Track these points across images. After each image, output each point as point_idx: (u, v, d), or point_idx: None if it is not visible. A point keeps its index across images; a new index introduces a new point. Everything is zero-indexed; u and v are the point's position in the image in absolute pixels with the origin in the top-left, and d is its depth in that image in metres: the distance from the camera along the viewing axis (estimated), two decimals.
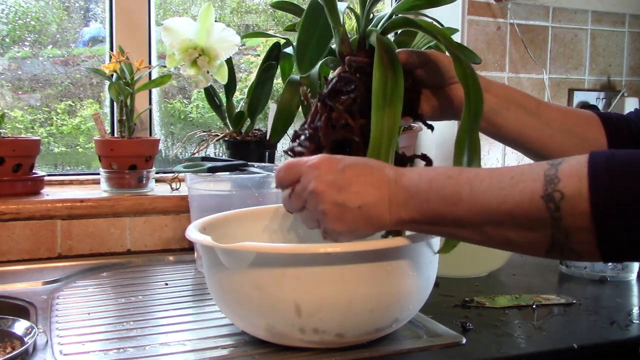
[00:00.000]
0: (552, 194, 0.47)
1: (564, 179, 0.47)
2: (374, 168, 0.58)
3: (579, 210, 0.46)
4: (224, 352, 0.67)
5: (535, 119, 0.73)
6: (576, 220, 0.46)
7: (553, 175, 0.48)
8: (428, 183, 0.55)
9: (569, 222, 0.46)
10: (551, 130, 0.73)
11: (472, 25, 1.42)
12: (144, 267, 1.05)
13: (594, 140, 0.73)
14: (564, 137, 0.73)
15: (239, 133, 1.23)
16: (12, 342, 0.71)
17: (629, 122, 0.74)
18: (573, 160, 0.48)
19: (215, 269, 0.66)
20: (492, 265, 1.00)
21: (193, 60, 1.09)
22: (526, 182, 0.49)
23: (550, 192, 0.47)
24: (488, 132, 0.74)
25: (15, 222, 1.04)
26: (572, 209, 0.46)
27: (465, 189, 0.52)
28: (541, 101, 0.75)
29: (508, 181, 0.50)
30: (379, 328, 0.66)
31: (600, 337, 0.73)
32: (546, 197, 0.47)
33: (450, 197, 0.53)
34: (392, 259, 0.62)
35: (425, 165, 0.69)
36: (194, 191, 1.00)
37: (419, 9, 1.12)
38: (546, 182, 0.47)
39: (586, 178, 0.46)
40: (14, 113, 1.27)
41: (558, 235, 0.48)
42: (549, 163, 0.49)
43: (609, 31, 1.59)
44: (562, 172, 0.47)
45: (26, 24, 1.28)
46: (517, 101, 0.73)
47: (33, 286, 0.93)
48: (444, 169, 0.55)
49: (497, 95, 0.72)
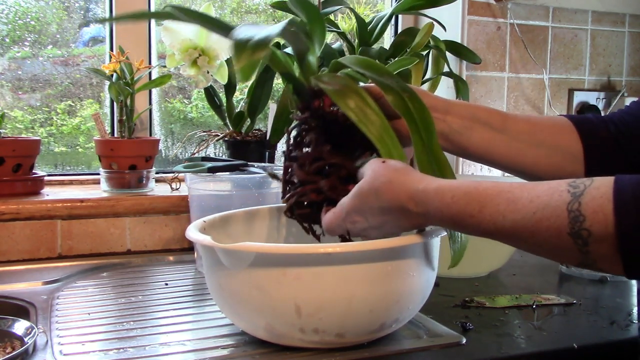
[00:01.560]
0: (579, 232, 0.47)
1: (589, 217, 0.46)
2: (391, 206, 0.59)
3: (607, 245, 0.46)
4: (224, 352, 0.67)
5: (502, 135, 0.71)
6: (604, 252, 0.47)
7: (577, 211, 0.47)
8: (452, 222, 0.55)
9: (596, 254, 0.47)
10: (520, 144, 0.71)
11: (472, 25, 1.42)
12: (144, 267, 1.05)
13: (566, 147, 0.71)
14: (534, 149, 0.71)
15: (239, 133, 1.23)
16: (12, 342, 0.71)
17: (607, 123, 0.72)
18: (595, 191, 0.47)
19: (216, 268, 0.66)
20: (492, 265, 1.00)
21: (193, 60, 1.09)
22: (550, 219, 0.49)
23: (577, 231, 0.47)
24: (455, 153, 0.73)
25: (15, 222, 1.04)
26: (599, 244, 0.46)
27: (490, 227, 0.53)
28: (508, 115, 0.73)
29: (531, 217, 0.50)
30: (379, 328, 0.66)
31: (600, 337, 0.73)
32: (573, 235, 0.47)
33: (478, 233, 0.54)
34: (392, 259, 0.62)
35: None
36: (194, 191, 1.00)
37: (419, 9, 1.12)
38: (570, 219, 0.47)
39: (612, 214, 0.45)
40: (14, 113, 1.27)
41: (586, 261, 0.49)
42: (570, 192, 0.49)
43: (609, 31, 1.59)
44: (585, 208, 0.47)
45: (26, 24, 1.28)
46: (481, 119, 0.71)
47: (33, 286, 0.93)
48: (463, 203, 0.54)
49: (459, 116, 0.71)
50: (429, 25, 1.15)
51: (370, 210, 0.60)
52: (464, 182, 0.56)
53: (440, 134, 0.70)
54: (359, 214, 0.61)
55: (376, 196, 0.59)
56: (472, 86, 1.43)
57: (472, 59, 1.33)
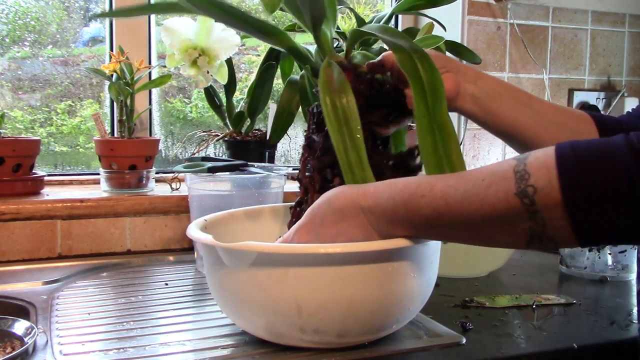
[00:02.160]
0: (525, 190, 0.48)
1: (534, 173, 0.48)
2: (344, 209, 0.59)
3: (553, 201, 0.46)
4: (224, 352, 0.67)
5: (528, 108, 0.73)
6: (551, 210, 0.47)
7: (522, 170, 0.48)
8: (404, 207, 0.55)
9: (544, 214, 0.47)
10: (544, 121, 0.73)
11: (472, 25, 1.42)
12: (144, 267, 1.05)
13: (587, 134, 0.73)
14: (556, 129, 0.73)
15: (239, 133, 1.23)
16: (12, 342, 0.71)
17: (620, 123, 0.74)
18: (539, 152, 0.49)
19: (216, 267, 0.66)
20: (492, 265, 1.00)
21: (193, 60, 1.09)
22: (498, 182, 0.50)
23: (524, 188, 0.48)
24: (481, 119, 0.74)
25: (15, 222, 1.04)
26: (545, 200, 0.47)
27: (442, 204, 0.53)
28: (532, 95, 0.75)
29: (480, 184, 0.51)
30: (380, 328, 0.66)
31: (600, 337, 0.73)
32: (520, 194, 0.48)
33: (429, 215, 0.54)
34: (393, 260, 0.62)
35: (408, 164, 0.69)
36: (194, 191, 1.00)
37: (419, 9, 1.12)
38: (517, 179, 0.48)
39: (555, 168, 0.46)
40: (14, 113, 1.27)
41: (536, 227, 0.48)
42: (515, 159, 0.50)
43: (609, 31, 1.59)
44: (530, 166, 0.48)
45: (26, 24, 1.28)
46: (509, 91, 0.73)
47: (33, 286, 0.93)
48: (415, 187, 0.55)
49: (489, 83, 0.73)
50: (429, 25, 1.15)
51: (322, 223, 0.60)
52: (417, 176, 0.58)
53: (472, 96, 0.72)
54: (308, 232, 0.61)
55: (329, 205, 0.60)
56: None
57: (472, 59, 1.33)
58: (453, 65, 0.72)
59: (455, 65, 0.72)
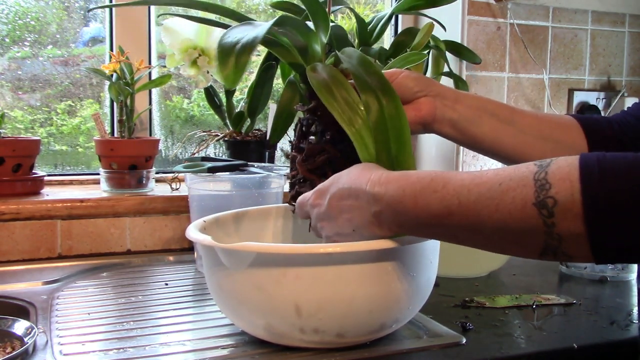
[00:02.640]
0: (545, 201, 0.45)
1: (555, 184, 0.45)
2: (353, 189, 0.59)
3: (572, 215, 0.44)
4: (224, 352, 0.67)
5: (510, 126, 0.72)
6: (569, 225, 0.45)
7: (543, 180, 0.46)
8: (413, 200, 0.54)
9: (562, 228, 0.45)
10: (526, 137, 0.72)
11: (472, 25, 1.42)
12: (144, 267, 1.05)
13: (572, 144, 0.72)
14: (540, 142, 0.72)
15: (239, 133, 1.23)
16: (12, 342, 0.71)
17: (611, 122, 0.73)
18: (562, 161, 0.47)
19: (216, 268, 0.66)
20: (492, 265, 1.00)
21: (193, 60, 1.09)
22: (516, 189, 0.47)
23: (543, 199, 0.46)
24: (462, 142, 0.74)
25: (15, 222, 1.04)
26: (565, 214, 0.45)
27: (454, 203, 0.51)
28: (515, 109, 0.74)
29: (497, 189, 0.49)
30: (379, 328, 0.66)
31: (600, 337, 0.73)
32: (539, 205, 0.46)
33: (439, 212, 0.52)
34: (392, 260, 0.62)
35: None
36: (194, 191, 1.00)
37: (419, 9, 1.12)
38: (537, 187, 0.46)
39: (578, 181, 0.44)
40: (14, 113, 1.27)
41: (551, 241, 0.47)
42: (536, 165, 0.48)
43: (609, 31, 1.59)
44: (552, 176, 0.46)
45: (26, 24, 1.28)
46: (490, 110, 0.72)
47: (33, 286, 0.93)
48: (428, 181, 0.54)
49: (468, 105, 0.72)
50: (429, 25, 1.15)
51: (332, 193, 0.61)
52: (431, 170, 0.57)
53: (449, 121, 0.72)
54: (321, 196, 0.62)
55: (344, 178, 0.60)
56: (472, 86, 1.43)
57: (472, 59, 1.34)
58: (432, 88, 0.71)
59: (435, 89, 0.71)
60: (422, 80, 0.71)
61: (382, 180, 0.57)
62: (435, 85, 0.72)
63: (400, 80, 0.71)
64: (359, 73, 0.64)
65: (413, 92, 0.71)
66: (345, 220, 0.60)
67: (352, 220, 0.59)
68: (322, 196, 0.62)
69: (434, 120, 0.71)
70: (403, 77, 0.71)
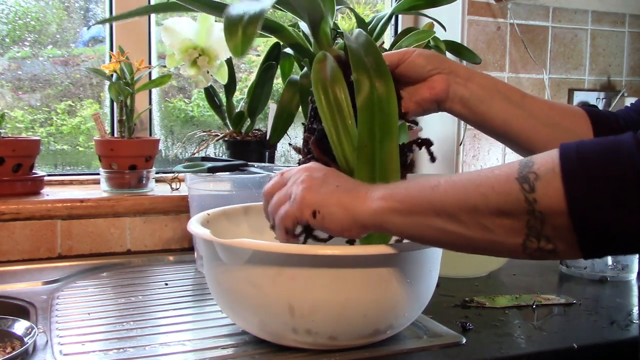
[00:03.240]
0: (527, 175, 0.48)
1: (538, 162, 0.48)
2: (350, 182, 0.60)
3: (553, 190, 0.46)
4: (224, 352, 0.67)
5: (520, 109, 0.72)
6: (551, 201, 0.46)
7: (527, 160, 0.49)
8: (405, 184, 0.57)
9: (543, 204, 0.47)
10: (536, 122, 0.72)
11: (472, 25, 1.42)
12: (144, 267, 1.05)
13: (580, 133, 0.72)
14: (549, 129, 0.72)
15: (239, 133, 1.23)
16: (12, 342, 0.71)
17: (617, 117, 0.74)
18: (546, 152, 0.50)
19: (214, 263, 0.66)
20: (492, 265, 1.00)
21: (193, 60, 1.09)
22: (502, 168, 0.51)
23: (525, 174, 0.48)
24: (471, 121, 0.74)
25: (15, 222, 1.04)
26: (546, 188, 0.46)
27: (443, 179, 0.54)
28: (526, 94, 0.75)
29: (485, 171, 0.52)
30: (373, 333, 0.65)
31: (600, 337, 0.73)
32: (521, 179, 0.48)
33: (427, 185, 0.54)
34: (389, 266, 0.62)
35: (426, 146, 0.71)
36: (194, 191, 1.00)
37: (419, 9, 1.12)
38: (521, 166, 0.49)
39: (558, 158, 0.47)
40: (14, 113, 1.27)
41: (533, 222, 0.48)
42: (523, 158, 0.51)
43: (609, 31, 1.59)
44: (535, 158, 0.49)
45: (26, 24, 1.28)
46: (501, 91, 0.73)
47: (33, 286, 0.93)
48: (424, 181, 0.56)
49: (480, 84, 0.72)
50: (429, 25, 1.15)
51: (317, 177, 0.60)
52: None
53: (461, 98, 0.72)
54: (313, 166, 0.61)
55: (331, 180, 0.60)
56: None
57: (472, 59, 1.33)
58: (446, 65, 0.71)
59: (448, 66, 0.71)
60: (434, 58, 0.72)
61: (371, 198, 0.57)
62: (448, 62, 0.72)
63: (413, 59, 0.70)
64: (357, 52, 0.64)
65: (426, 70, 0.71)
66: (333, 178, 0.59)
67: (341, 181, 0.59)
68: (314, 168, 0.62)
69: (447, 99, 0.72)
70: (416, 56, 0.71)
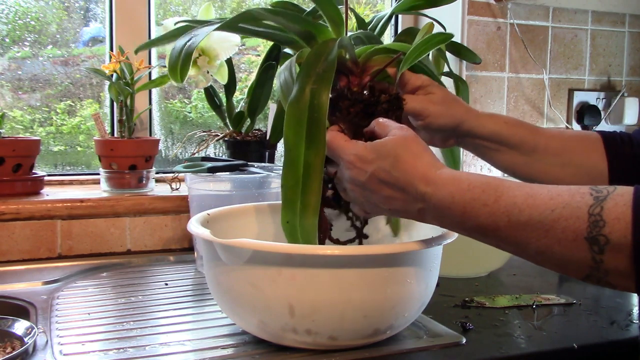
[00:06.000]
0: (597, 238, 0.45)
1: (610, 222, 0.45)
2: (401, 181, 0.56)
3: (623, 256, 0.45)
4: (224, 352, 0.67)
5: (529, 157, 0.73)
6: (618, 264, 0.45)
7: (597, 215, 0.46)
8: (462, 209, 0.53)
9: (610, 265, 0.46)
10: (546, 166, 0.73)
11: (472, 25, 1.42)
12: (144, 267, 1.05)
13: (592, 166, 0.72)
14: (558, 169, 0.72)
15: (239, 133, 1.23)
16: (12, 342, 0.71)
17: (632, 139, 0.73)
18: (619, 197, 0.46)
19: (214, 263, 0.66)
20: (492, 265, 1.00)
21: (193, 60, 1.09)
22: (568, 219, 0.47)
23: (595, 236, 0.46)
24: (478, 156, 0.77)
25: (15, 222, 1.04)
26: (615, 254, 0.45)
27: (503, 220, 0.50)
28: (540, 132, 0.74)
29: (549, 215, 0.48)
30: (373, 333, 0.65)
31: (600, 337, 0.73)
32: (590, 240, 0.46)
33: (486, 226, 0.51)
34: (389, 266, 0.62)
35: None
36: (194, 191, 1.00)
37: (419, 9, 1.11)
38: (590, 223, 0.46)
39: (631, 223, 0.44)
40: (14, 113, 1.27)
41: (596, 273, 0.47)
42: (592, 195, 0.47)
43: (609, 31, 1.59)
44: (607, 214, 0.46)
45: (26, 24, 1.28)
46: (510, 143, 0.73)
47: (33, 286, 0.93)
48: (479, 192, 0.52)
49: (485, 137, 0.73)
50: (429, 25, 1.15)
51: (376, 169, 0.57)
52: (481, 175, 0.54)
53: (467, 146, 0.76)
54: (364, 164, 0.58)
55: (393, 162, 0.57)
56: (472, 86, 1.43)
57: (472, 59, 1.33)
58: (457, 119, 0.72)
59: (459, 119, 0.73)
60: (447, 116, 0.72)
61: (433, 178, 0.55)
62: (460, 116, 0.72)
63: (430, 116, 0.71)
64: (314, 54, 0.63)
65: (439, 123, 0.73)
66: (384, 200, 0.57)
67: (392, 204, 0.57)
68: (365, 164, 0.58)
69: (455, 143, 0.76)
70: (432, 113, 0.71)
